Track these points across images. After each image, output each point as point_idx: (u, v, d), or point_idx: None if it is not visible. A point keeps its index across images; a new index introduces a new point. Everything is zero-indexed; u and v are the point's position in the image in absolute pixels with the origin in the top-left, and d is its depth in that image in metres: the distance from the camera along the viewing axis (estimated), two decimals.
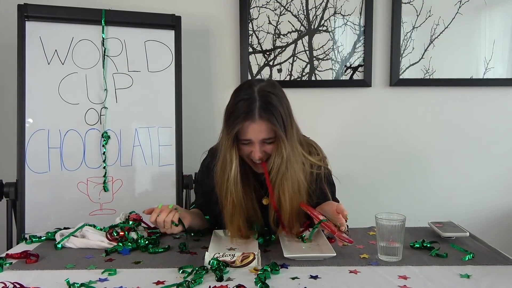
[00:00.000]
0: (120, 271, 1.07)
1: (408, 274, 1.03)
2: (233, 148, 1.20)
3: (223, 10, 2.10)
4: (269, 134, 1.18)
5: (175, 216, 1.22)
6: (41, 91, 1.71)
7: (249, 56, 2.10)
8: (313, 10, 2.09)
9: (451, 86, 2.14)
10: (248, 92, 1.18)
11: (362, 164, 2.18)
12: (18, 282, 0.96)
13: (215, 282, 0.99)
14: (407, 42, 2.11)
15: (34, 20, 1.71)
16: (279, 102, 1.18)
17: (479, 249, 1.22)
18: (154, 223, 1.22)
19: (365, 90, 2.15)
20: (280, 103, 1.19)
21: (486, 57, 2.12)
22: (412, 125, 2.18)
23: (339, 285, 0.98)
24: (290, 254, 1.14)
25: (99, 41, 1.78)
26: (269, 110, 1.15)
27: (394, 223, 1.12)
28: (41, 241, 1.33)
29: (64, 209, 1.70)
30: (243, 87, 1.24)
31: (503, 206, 2.23)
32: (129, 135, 1.81)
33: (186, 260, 1.15)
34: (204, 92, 2.14)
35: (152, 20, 1.85)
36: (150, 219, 1.21)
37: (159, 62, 1.86)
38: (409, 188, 2.20)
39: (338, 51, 2.11)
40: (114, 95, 1.80)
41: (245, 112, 1.15)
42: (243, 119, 1.15)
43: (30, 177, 1.67)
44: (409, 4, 2.09)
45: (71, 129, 1.74)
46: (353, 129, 2.17)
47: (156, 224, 1.22)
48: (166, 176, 1.84)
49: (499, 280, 1.00)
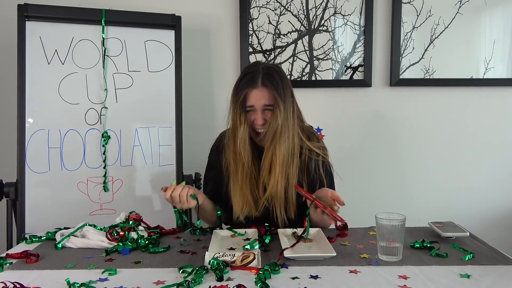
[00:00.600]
0: (120, 271, 1.07)
1: (408, 274, 1.03)
2: (242, 114, 1.35)
3: (223, 10, 2.10)
4: (269, 100, 1.32)
5: (189, 191, 1.30)
6: (41, 91, 1.71)
7: (249, 56, 2.10)
8: (313, 10, 2.09)
9: (451, 86, 2.14)
10: (254, 67, 1.36)
11: (362, 164, 2.18)
12: (18, 282, 0.96)
13: (215, 282, 0.99)
14: (407, 42, 2.11)
15: (34, 20, 1.71)
16: (279, 77, 1.34)
17: (479, 249, 1.22)
18: (169, 200, 1.30)
19: (365, 90, 2.15)
20: (281, 78, 1.34)
21: (486, 57, 2.12)
22: (412, 125, 2.18)
23: (339, 285, 0.98)
24: (290, 254, 1.14)
25: (99, 41, 1.78)
26: (270, 80, 1.32)
27: (394, 223, 1.12)
28: (41, 241, 1.33)
29: (64, 209, 1.70)
30: (250, 64, 1.44)
31: (503, 206, 2.23)
32: (129, 135, 1.81)
33: (186, 260, 1.15)
34: (204, 92, 2.14)
35: (152, 20, 1.84)
36: (165, 196, 1.30)
37: (159, 62, 1.86)
38: (409, 188, 2.20)
39: (338, 51, 2.11)
40: (114, 95, 1.80)
41: (249, 81, 1.32)
42: (247, 87, 1.32)
43: (30, 177, 1.67)
44: (409, 4, 2.09)
45: (71, 129, 1.73)
46: (353, 129, 2.17)
47: (171, 200, 1.30)
48: (166, 176, 1.84)
49: (499, 280, 1.00)
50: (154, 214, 1.82)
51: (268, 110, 1.34)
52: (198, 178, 1.88)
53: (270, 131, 1.33)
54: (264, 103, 1.32)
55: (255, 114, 1.34)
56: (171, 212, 1.80)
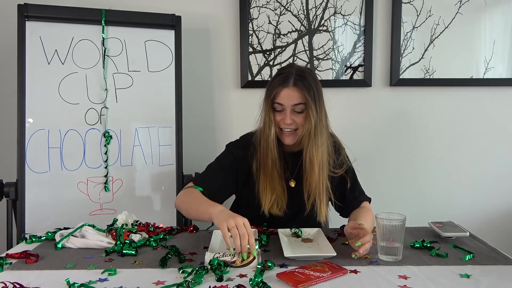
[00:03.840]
0: (120, 271, 1.07)
1: (408, 274, 1.03)
2: (271, 112, 1.36)
3: (223, 10, 2.10)
4: (299, 99, 1.31)
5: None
6: (41, 91, 1.71)
7: (249, 56, 2.10)
8: (313, 10, 2.09)
9: (451, 86, 2.14)
10: (288, 68, 1.37)
11: (362, 163, 2.16)
12: (18, 282, 0.96)
13: (215, 282, 0.99)
14: (407, 42, 2.11)
15: (34, 20, 1.71)
16: (312, 80, 1.34)
17: (479, 249, 1.22)
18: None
19: (365, 90, 2.15)
20: (314, 81, 1.35)
21: (486, 57, 2.12)
22: (412, 125, 2.18)
23: (339, 285, 0.98)
24: (290, 254, 1.14)
25: (99, 41, 1.78)
26: (302, 82, 1.31)
27: (394, 223, 1.12)
28: (41, 241, 1.33)
29: (64, 209, 1.70)
30: (284, 66, 1.43)
31: (503, 206, 2.23)
32: (129, 135, 1.81)
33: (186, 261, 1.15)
34: (204, 92, 2.14)
35: (152, 20, 1.84)
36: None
37: (159, 62, 1.86)
38: (409, 188, 2.20)
39: (338, 51, 2.11)
40: (114, 95, 1.80)
41: (282, 80, 1.33)
42: (279, 85, 1.33)
43: (30, 177, 1.67)
44: (409, 4, 2.09)
45: (71, 129, 1.74)
46: (353, 129, 2.17)
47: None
48: (166, 176, 1.84)
49: (499, 280, 1.00)
50: (154, 214, 1.82)
51: (297, 112, 1.33)
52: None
53: (304, 132, 1.33)
54: (294, 102, 1.32)
55: (284, 114, 1.33)
56: (171, 212, 1.81)
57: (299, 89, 1.30)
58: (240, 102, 2.12)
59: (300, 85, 1.30)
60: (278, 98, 1.32)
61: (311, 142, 1.33)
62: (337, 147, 1.47)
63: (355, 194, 1.47)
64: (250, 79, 2.10)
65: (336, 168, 1.41)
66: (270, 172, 1.37)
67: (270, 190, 1.38)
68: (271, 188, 1.38)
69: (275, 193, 1.38)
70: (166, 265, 1.10)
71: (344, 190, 1.45)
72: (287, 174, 1.42)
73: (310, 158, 1.34)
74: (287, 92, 1.31)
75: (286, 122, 1.32)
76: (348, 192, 1.45)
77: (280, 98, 1.32)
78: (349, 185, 1.45)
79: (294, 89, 1.31)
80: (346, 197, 1.46)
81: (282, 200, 1.39)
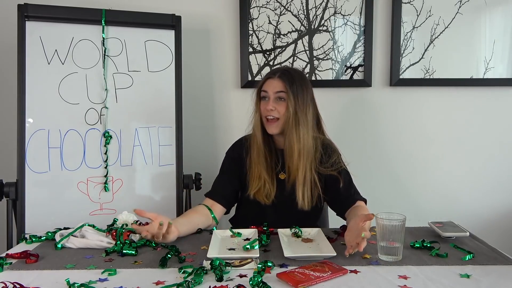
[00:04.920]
0: (120, 271, 1.07)
1: (408, 274, 1.03)
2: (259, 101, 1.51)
3: (223, 10, 2.10)
4: (281, 88, 1.45)
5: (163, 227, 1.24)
6: (41, 91, 1.70)
7: (249, 56, 2.10)
8: (313, 10, 2.09)
9: (451, 86, 2.14)
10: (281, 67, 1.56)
11: (362, 164, 2.18)
12: (18, 282, 0.96)
13: (215, 282, 0.99)
14: (407, 42, 2.11)
15: (34, 20, 1.71)
16: (298, 77, 1.47)
17: (479, 249, 1.22)
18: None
19: (365, 90, 2.15)
20: (300, 78, 1.47)
21: (486, 57, 2.12)
22: (412, 125, 2.18)
23: (339, 285, 0.98)
24: (290, 254, 1.14)
25: (99, 41, 1.78)
26: (286, 76, 1.46)
27: (394, 223, 1.12)
28: (41, 241, 1.33)
29: (64, 209, 1.70)
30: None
31: (503, 206, 2.23)
32: (129, 135, 1.81)
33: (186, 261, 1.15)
34: (204, 92, 2.14)
35: (152, 20, 1.84)
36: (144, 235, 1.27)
37: (159, 62, 1.86)
38: (409, 188, 2.20)
39: (338, 51, 2.11)
40: (114, 95, 1.80)
41: (270, 73, 1.51)
42: (266, 77, 1.50)
43: (30, 177, 1.67)
44: (409, 4, 2.09)
45: (71, 129, 1.73)
46: (353, 129, 2.17)
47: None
48: (166, 176, 1.84)
49: (499, 280, 1.00)
50: None
51: (279, 99, 1.45)
52: (198, 178, 1.89)
53: (285, 120, 1.45)
54: (276, 90, 1.45)
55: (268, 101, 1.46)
56: (171, 212, 1.82)
57: (282, 80, 1.45)
58: (240, 102, 2.12)
59: (284, 77, 1.45)
60: (264, 86, 1.48)
61: (290, 130, 1.44)
62: (329, 150, 1.53)
63: (350, 192, 1.50)
64: (250, 79, 2.10)
65: (326, 167, 1.49)
66: (257, 160, 1.49)
67: (258, 176, 1.49)
68: (258, 174, 1.49)
69: (262, 179, 1.49)
70: (166, 265, 1.10)
71: (338, 189, 1.49)
72: (278, 168, 1.52)
73: (290, 143, 1.45)
74: (271, 81, 1.47)
75: (267, 108, 1.45)
76: (342, 190, 1.48)
77: (265, 86, 1.48)
78: (342, 184, 1.48)
79: (278, 79, 1.46)
80: (340, 195, 1.49)
81: (270, 189, 1.49)
